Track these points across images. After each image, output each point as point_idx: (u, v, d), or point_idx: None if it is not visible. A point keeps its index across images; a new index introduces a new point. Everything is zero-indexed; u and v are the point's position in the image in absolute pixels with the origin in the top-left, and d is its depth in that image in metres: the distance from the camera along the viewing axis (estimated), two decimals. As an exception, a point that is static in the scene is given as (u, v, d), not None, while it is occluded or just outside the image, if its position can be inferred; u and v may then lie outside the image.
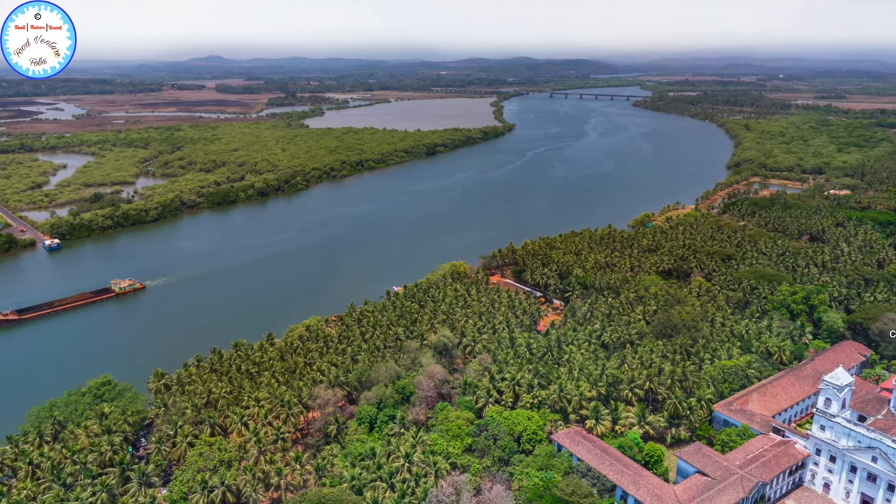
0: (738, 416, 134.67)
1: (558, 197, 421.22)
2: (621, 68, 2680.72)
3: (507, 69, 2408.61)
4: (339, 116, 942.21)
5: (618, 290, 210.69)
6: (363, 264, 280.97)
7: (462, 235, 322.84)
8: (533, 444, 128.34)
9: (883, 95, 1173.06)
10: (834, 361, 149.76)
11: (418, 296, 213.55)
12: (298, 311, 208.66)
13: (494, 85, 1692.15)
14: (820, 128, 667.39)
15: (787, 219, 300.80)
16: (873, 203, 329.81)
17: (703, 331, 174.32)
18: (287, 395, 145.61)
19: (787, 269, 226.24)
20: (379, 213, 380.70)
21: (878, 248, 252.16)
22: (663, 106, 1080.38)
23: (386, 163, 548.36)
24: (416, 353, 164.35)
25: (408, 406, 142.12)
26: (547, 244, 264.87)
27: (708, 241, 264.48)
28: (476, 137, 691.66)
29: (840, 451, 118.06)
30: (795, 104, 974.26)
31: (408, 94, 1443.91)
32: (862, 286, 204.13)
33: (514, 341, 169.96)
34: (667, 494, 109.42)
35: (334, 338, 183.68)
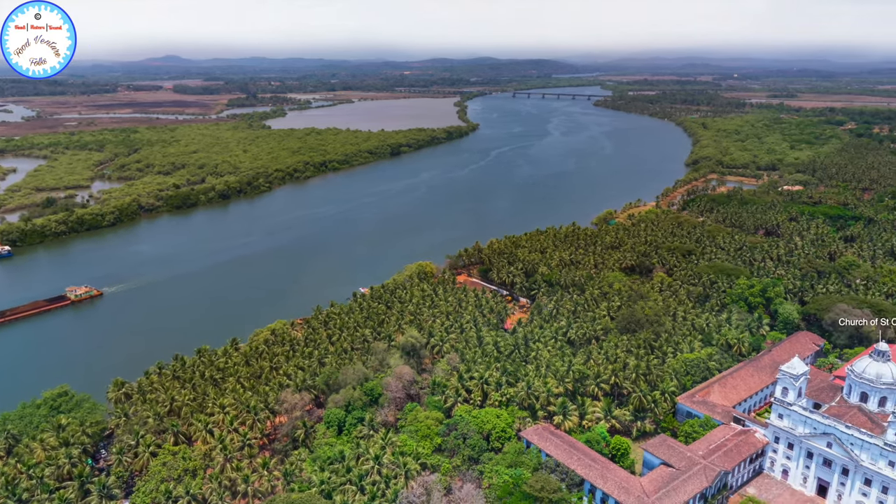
0: (700, 407, 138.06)
1: (523, 196, 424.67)
2: (582, 68, 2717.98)
3: (469, 69, 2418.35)
4: (302, 117, 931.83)
5: (582, 286, 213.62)
6: (329, 266, 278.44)
7: (428, 235, 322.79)
8: (502, 441, 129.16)
9: (832, 94, 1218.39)
10: (790, 352, 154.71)
11: (385, 297, 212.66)
12: (263, 315, 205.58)
13: (458, 85, 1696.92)
14: (773, 126, 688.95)
15: (743, 214, 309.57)
16: (824, 198, 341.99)
17: (666, 325, 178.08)
18: (253, 400, 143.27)
19: (745, 263, 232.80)
20: (344, 214, 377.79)
21: (829, 241, 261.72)
22: (623, 105, 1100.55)
23: (350, 163, 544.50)
24: (383, 354, 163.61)
25: (376, 408, 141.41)
26: (512, 243, 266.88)
27: (669, 238, 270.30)
28: (440, 137, 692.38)
29: (797, 439, 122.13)
30: (750, 103, 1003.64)
31: (371, 94, 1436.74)
32: (815, 278, 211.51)
33: (481, 340, 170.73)
34: (633, 486, 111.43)
35: (300, 341, 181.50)
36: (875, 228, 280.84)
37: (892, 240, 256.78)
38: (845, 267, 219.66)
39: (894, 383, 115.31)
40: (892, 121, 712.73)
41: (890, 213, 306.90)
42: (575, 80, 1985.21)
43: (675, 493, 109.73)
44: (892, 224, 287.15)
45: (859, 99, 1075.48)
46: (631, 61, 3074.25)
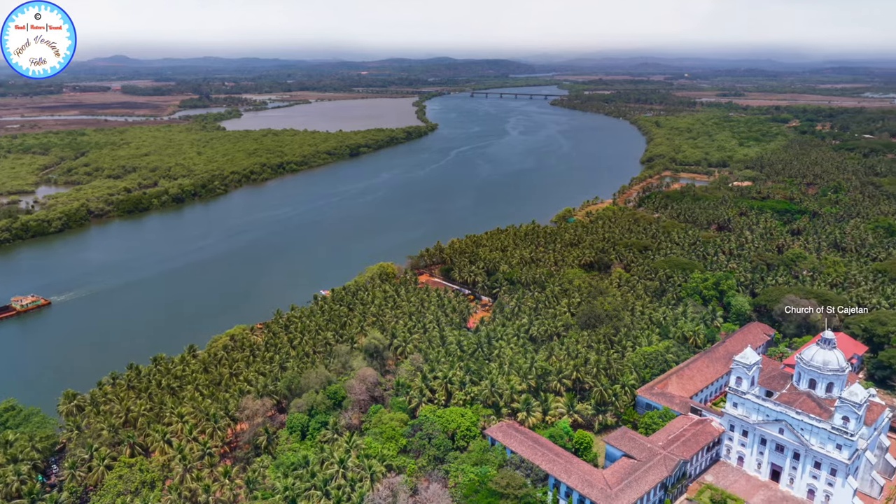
0: (659, 399, 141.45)
1: (483, 195, 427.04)
2: (539, 68, 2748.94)
3: (427, 69, 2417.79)
4: (258, 118, 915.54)
5: (543, 284, 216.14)
6: (289, 269, 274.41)
7: (389, 236, 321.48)
8: (467, 440, 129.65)
9: (777, 93, 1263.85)
10: (743, 342, 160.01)
11: (347, 298, 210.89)
12: (222, 321, 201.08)
13: (415, 85, 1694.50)
14: (723, 124, 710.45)
15: (696, 210, 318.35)
16: (772, 193, 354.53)
17: (625, 320, 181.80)
18: (212, 408, 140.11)
19: (699, 257, 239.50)
20: (303, 216, 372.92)
21: (777, 234, 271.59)
22: (579, 104, 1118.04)
23: (308, 165, 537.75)
24: (346, 356, 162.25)
25: (340, 411, 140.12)
26: (473, 242, 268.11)
27: (626, 234, 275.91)
28: (399, 137, 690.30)
29: (751, 426, 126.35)
30: (700, 102, 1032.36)
31: (328, 94, 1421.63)
32: (764, 270, 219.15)
33: (444, 339, 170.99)
34: (596, 479, 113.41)
35: (261, 346, 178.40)
36: (819, 222, 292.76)
37: (836, 232, 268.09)
38: (792, 259, 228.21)
39: (840, 370, 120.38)
40: (833, 118, 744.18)
41: (833, 206, 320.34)
42: (532, 79, 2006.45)
43: (636, 483, 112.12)
44: (835, 217, 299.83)
45: (802, 97, 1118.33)
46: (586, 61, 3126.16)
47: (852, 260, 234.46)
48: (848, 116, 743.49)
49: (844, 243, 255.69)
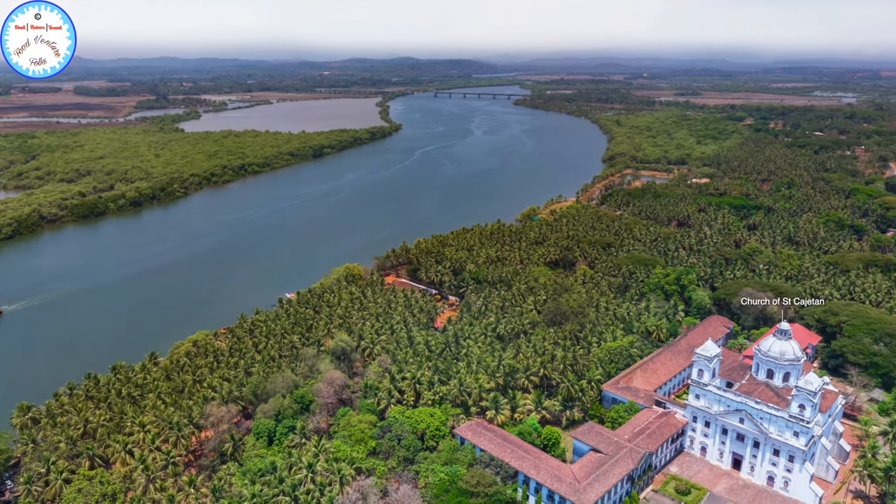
0: (624, 393, 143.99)
1: (448, 195, 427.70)
2: (501, 68, 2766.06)
3: (390, 69, 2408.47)
4: (218, 119, 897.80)
5: (509, 282, 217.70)
6: (252, 272, 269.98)
7: (354, 237, 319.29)
8: (437, 440, 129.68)
9: (731, 92, 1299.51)
10: (703, 335, 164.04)
11: (312, 301, 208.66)
12: (184, 327, 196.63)
13: (379, 85, 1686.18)
14: (681, 122, 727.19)
15: (657, 207, 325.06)
16: (728, 189, 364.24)
17: (590, 316, 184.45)
18: (176, 416, 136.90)
19: (660, 253, 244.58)
20: (266, 219, 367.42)
21: (734, 229, 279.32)
22: (542, 104, 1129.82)
23: (271, 166, 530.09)
24: (313, 360, 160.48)
25: (308, 415, 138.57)
26: (440, 242, 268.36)
27: (589, 231, 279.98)
28: (363, 138, 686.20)
29: (713, 417, 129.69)
30: (659, 101, 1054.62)
31: (290, 94, 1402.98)
32: (723, 265, 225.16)
33: (412, 340, 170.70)
34: (565, 474, 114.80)
35: (225, 351, 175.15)
36: (774, 217, 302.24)
37: (789, 227, 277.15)
38: (749, 253, 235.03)
39: (795, 359, 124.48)
40: (786, 116, 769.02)
41: (786, 202, 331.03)
42: (495, 79, 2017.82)
43: (604, 477, 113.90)
44: (789, 212, 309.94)
45: (756, 96, 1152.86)
46: (548, 61, 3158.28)
47: (805, 253, 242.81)
48: (799, 115, 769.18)
49: (798, 237, 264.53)
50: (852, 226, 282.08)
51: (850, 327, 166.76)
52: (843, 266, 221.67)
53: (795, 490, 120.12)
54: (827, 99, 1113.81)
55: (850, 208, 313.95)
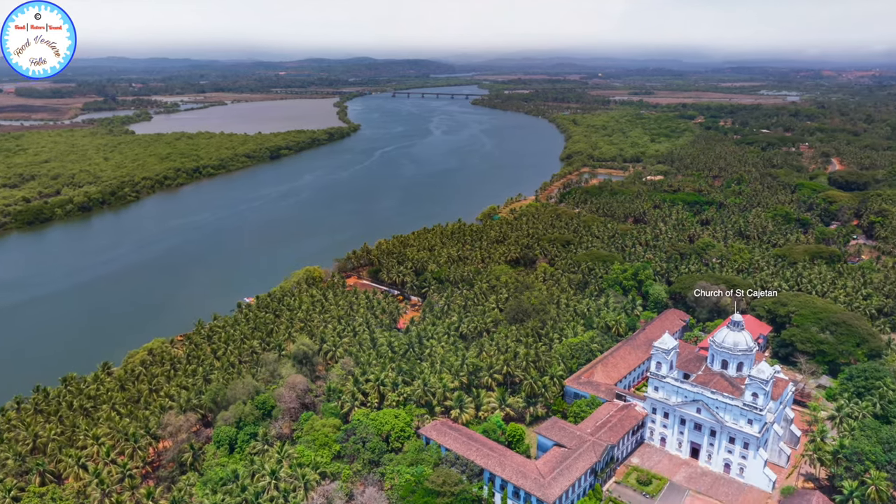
0: (586, 387, 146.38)
1: (409, 195, 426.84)
2: (459, 68, 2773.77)
3: (347, 69, 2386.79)
4: (170, 121, 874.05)
5: (471, 281, 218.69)
6: (210, 277, 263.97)
7: (315, 239, 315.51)
8: (402, 441, 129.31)
9: (683, 91, 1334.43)
10: (661, 328, 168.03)
11: (272, 305, 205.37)
12: (138, 335, 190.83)
13: (336, 85, 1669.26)
14: (635, 121, 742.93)
15: (614, 204, 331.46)
16: (682, 186, 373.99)
17: (551, 312, 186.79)
18: (132, 427, 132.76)
19: (618, 249, 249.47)
20: (223, 222, 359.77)
21: (688, 225, 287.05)
22: (500, 104, 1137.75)
23: (227, 168, 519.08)
24: (274, 364, 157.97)
25: (270, 421, 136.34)
26: (401, 242, 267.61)
27: (549, 229, 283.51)
28: (321, 139, 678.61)
29: (671, 408, 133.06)
30: (614, 100, 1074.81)
31: (245, 95, 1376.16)
32: (678, 260, 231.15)
33: (375, 342, 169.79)
34: (530, 470, 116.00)
35: (182, 359, 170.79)
36: (725, 212, 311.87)
37: (740, 221, 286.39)
38: (703, 248, 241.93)
39: (748, 350, 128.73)
40: (734, 115, 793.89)
41: (736, 197, 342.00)
42: (453, 79, 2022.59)
43: (568, 471, 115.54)
44: (739, 207, 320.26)
45: (706, 95, 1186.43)
46: (505, 61, 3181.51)
47: (755, 246, 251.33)
48: (747, 113, 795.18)
49: (748, 231, 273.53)
50: (798, 219, 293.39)
51: (799, 317, 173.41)
52: (790, 258, 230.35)
53: (750, 476, 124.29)
54: (772, 97, 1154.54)
55: (796, 203, 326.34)
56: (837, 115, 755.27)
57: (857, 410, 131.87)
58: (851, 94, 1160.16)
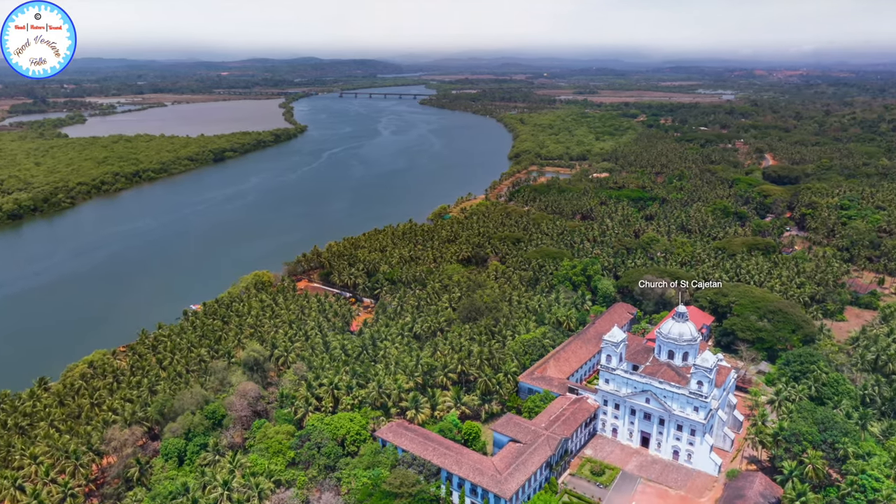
0: (539, 383, 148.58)
1: (359, 196, 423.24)
2: (406, 68, 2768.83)
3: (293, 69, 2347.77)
4: (106, 123, 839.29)
5: (424, 281, 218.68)
6: (153, 285, 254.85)
7: (263, 243, 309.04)
8: (358, 444, 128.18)
9: (625, 90, 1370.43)
10: (610, 322, 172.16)
11: (220, 311, 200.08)
12: (77, 348, 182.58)
13: (281, 86, 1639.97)
14: (580, 120, 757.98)
15: (562, 201, 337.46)
16: (626, 183, 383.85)
17: (503, 310, 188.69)
18: (73, 444, 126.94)
19: (567, 245, 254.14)
20: (166, 227, 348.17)
21: (633, 221, 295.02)
22: (448, 103, 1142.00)
23: (168, 172, 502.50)
24: (223, 372, 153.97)
25: (221, 430, 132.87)
26: (352, 244, 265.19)
27: (499, 228, 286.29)
28: (267, 140, 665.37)
29: (622, 399, 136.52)
30: (559, 99, 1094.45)
31: (186, 96, 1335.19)
32: (625, 254, 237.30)
33: (328, 345, 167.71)
34: (486, 466, 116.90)
35: (126, 371, 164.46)
36: (668, 207, 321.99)
37: (682, 216, 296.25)
38: (648, 242, 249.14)
39: (693, 339, 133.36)
40: (674, 113, 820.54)
41: (678, 193, 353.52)
42: (400, 79, 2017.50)
43: (523, 466, 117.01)
44: (681, 202, 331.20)
45: (647, 94, 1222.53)
46: (452, 61, 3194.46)
47: (697, 240, 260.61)
48: (686, 111, 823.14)
49: (690, 225, 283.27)
50: (736, 213, 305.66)
51: (739, 307, 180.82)
52: (729, 250, 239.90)
53: (698, 461, 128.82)
54: (709, 96, 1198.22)
55: (734, 197, 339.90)
56: (770, 112, 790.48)
57: (794, 394, 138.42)
58: (782, 92, 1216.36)
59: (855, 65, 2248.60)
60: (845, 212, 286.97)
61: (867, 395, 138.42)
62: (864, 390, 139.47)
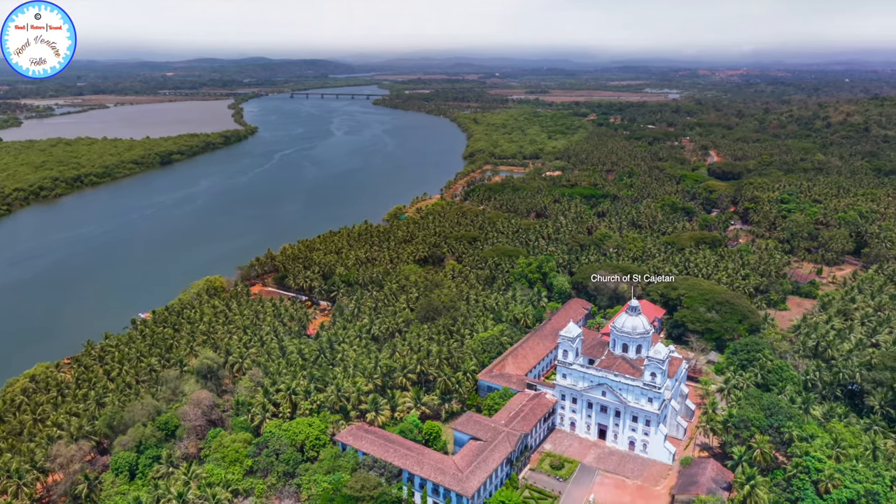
0: (498, 380, 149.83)
1: (313, 198, 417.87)
2: (358, 68, 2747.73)
3: (241, 69, 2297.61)
4: (44, 126, 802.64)
5: (381, 282, 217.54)
6: (98, 294, 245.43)
7: (214, 247, 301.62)
8: (317, 449, 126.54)
9: (576, 90, 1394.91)
10: (566, 318, 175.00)
11: (171, 319, 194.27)
12: (17, 361, 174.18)
13: (230, 86, 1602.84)
14: (533, 119, 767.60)
15: (516, 200, 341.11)
16: (579, 181, 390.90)
17: (461, 309, 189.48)
18: (14, 462, 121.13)
19: (522, 243, 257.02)
20: (111, 233, 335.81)
21: (586, 218, 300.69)
22: (401, 104, 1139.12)
23: (112, 176, 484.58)
24: (176, 382, 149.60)
25: (174, 441, 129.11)
26: (307, 246, 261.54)
27: (455, 227, 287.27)
28: (217, 142, 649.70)
29: (579, 393, 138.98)
30: (511, 99, 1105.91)
31: (130, 98, 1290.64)
32: (578, 251, 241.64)
33: (284, 350, 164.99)
34: (448, 466, 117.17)
35: (71, 384, 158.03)
36: (619, 204, 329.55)
37: (633, 212, 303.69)
38: (600, 239, 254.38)
39: (645, 332, 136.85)
40: (623, 112, 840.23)
41: (628, 189, 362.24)
42: (352, 79, 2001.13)
43: (484, 463, 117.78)
44: (631, 199, 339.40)
45: (597, 94, 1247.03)
46: (404, 61, 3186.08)
47: (647, 235, 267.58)
48: (634, 110, 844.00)
49: (640, 221, 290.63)
50: (683, 208, 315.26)
51: (688, 299, 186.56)
52: (678, 245, 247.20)
53: (653, 451, 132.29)
54: (656, 95, 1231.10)
55: (681, 193, 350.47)
56: (713, 110, 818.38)
57: (741, 381, 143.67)
58: (724, 91, 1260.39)
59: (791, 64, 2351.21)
60: (785, 205, 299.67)
61: (809, 381, 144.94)
62: (806, 375, 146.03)
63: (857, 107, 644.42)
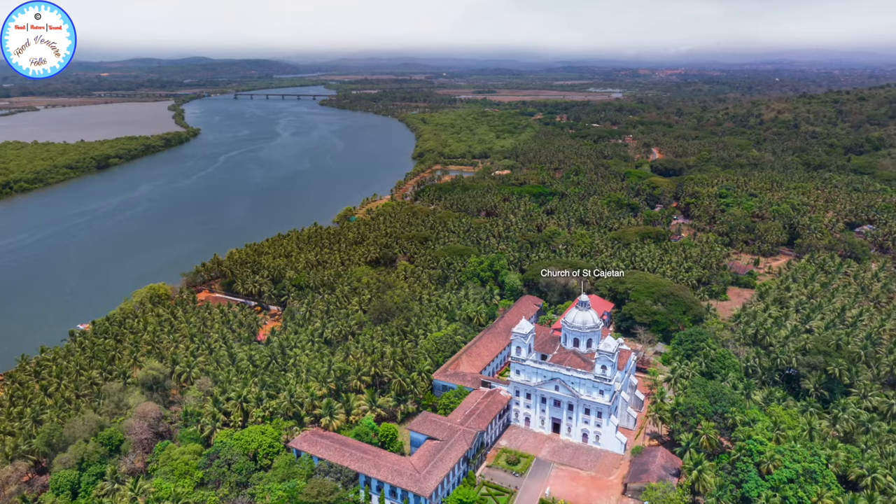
0: (453, 379, 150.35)
1: (260, 201, 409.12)
2: (303, 68, 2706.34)
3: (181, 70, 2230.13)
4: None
5: (332, 285, 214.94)
6: (32, 306, 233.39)
7: (157, 254, 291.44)
8: (271, 457, 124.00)
9: (522, 89, 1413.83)
10: (518, 315, 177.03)
11: (112, 329, 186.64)
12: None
13: (169, 87, 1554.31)
14: (481, 118, 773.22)
15: (466, 199, 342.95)
16: (527, 179, 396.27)
17: (414, 309, 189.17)
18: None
19: (473, 242, 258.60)
20: (44, 242, 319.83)
21: (535, 215, 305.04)
22: (348, 104, 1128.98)
23: (44, 182, 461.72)
24: (119, 394, 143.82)
25: (119, 457, 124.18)
26: (255, 251, 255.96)
27: (406, 227, 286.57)
28: (157, 145, 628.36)
29: (532, 388, 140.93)
30: (459, 99, 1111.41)
31: (61, 100, 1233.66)
32: (529, 248, 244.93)
33: (234, 357, 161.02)
34: (404, 467, 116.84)
35: (4, 401, 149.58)
36: (567, 201, 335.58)
37: (580, 209, 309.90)
38: (550, 236, 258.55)
39: (595, 326, 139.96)
40: (568, 111, 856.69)
41: (575, 187, 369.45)
42: (298, 80, 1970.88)
43: (441, 462, 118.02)
44: (578, 196, 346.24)
45: (542, 93, 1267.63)
46: (351, 61, 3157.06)
47: (595, 231, 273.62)
48: (579, 108, 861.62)
49: (588, 218, 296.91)
50: (629, 204, 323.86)
51: (635, 293, 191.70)
52: (624, 240, 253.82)
53: (605, 441, 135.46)
54: (599, 94, 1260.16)
55: (626, 189, 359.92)
56: (654, 109, 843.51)
57: (687, 371, 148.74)
58: (664, 90, 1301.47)
59: (725, 64, 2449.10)
60: (724, 200, 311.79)
61: (749, 367, 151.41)
62: (747, 362, 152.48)
63: (788, 104, 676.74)
